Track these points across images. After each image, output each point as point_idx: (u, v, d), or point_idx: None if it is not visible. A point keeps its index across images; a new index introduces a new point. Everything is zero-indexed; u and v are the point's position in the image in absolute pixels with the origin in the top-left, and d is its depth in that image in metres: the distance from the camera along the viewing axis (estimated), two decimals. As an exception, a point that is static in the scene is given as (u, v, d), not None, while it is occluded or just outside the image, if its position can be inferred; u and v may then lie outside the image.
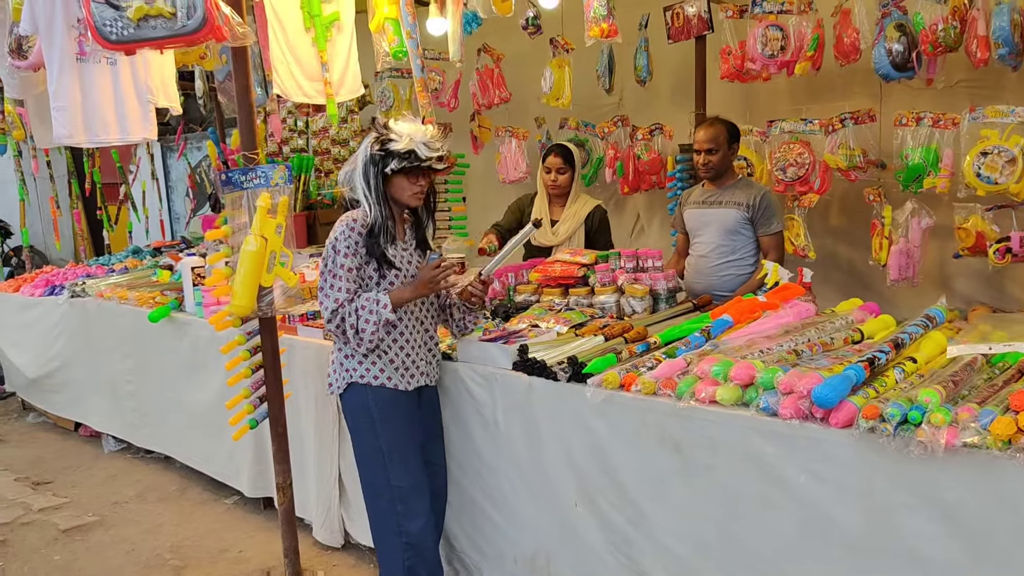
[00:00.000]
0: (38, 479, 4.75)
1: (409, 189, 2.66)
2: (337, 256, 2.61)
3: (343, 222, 2.65)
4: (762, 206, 3.64)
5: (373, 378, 2.68)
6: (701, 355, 2.47)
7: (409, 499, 2.70)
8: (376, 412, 2.69)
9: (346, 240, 2.61)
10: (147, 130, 3.91)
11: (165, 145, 10.01)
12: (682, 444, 2.32)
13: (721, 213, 3.71)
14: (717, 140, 3.68)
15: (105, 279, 5.41)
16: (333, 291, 2.60)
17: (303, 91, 3.66)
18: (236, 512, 4.11)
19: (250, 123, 2.97)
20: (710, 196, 3.78)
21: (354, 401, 2.73)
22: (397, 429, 2.71)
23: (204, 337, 4.12)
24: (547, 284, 3.49)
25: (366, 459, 2.76)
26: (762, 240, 3.70)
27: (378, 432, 2.70)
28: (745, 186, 3.76)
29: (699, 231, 3.80)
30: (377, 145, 2.60)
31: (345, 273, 2.60)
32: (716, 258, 3.72)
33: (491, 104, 5.48)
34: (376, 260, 2.65)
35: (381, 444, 2.70)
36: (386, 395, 2.70)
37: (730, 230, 3.68)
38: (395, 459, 2.69)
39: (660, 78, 4.98)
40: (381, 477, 2.71)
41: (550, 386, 2.62)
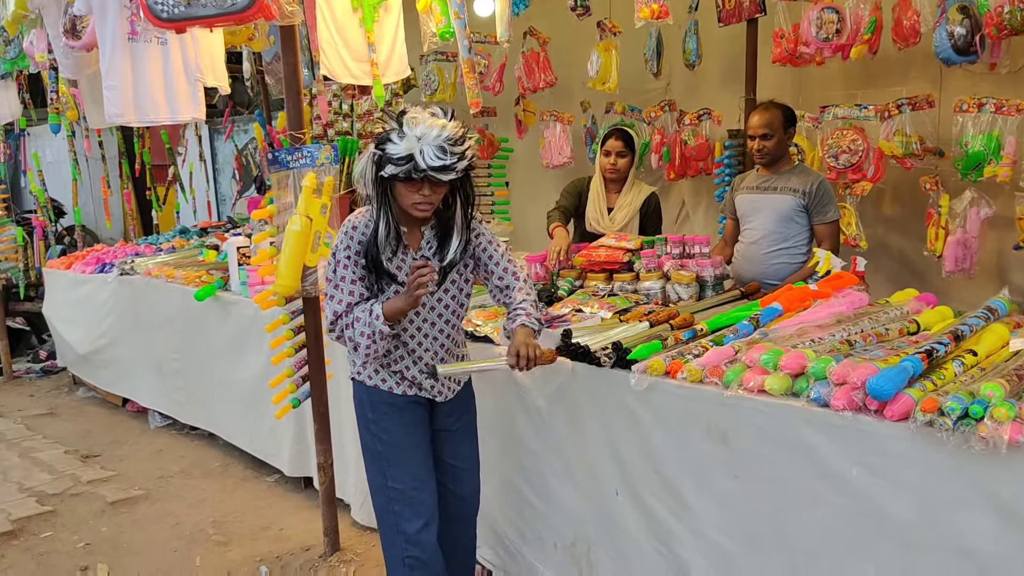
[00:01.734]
0: (87, 452, 4.86)
1: (409, 198, 2.29)
2: (337, 267, 2.39)
3: (342, 229, 2.42)
4: (818, 194, 3.51)
5: (368, 377, 2.52)
6: (750, 343, 2.41)
7: (406, 501, 2.49)
8: (371, 412, 2.52)
9: (345, 250, 2.38)
10: (195, 110, 3.95)
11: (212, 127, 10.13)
12: (729, 434, 2.26)
13: (775, 199, 3.60)
14: (772, 125, 3.55)
15: (153, 258, 5.50)
16: (332, 302, 2.40)
17: (350, 72, 3.64)
18: (277, 490, 4.16)
19: (297, 103, 2.97)
20: (764, 181, 3.66)
21: (355, 396, 2.59)
22: (394, 431, 2.50)
23: (248, 316, 4.16)
24: (591, 269, 3.44)
25: (365, 456, 2.59)
26: (817, 229, 3.57)
27: (373, 432, 2.52)
28: (801, 172, 3.63)
29: (751, 217, 3.69)
30: (374, 144, 2.28)
31: (346, 285, 2.38)
32: (767, 245, 3.61)
33: (536, 88, 5.43)
34: (374, 272, 2.38)
35: (377, 445, 2.52)
36: (383, 397, 2.51)
37: (784, 217, 3.56)
38: (392, 460, 2.50)
39: (709, 62, 4.88)
40: (379, 476, 2.53)
41: (593, 372, 2.59)
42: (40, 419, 5.61)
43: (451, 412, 2.62)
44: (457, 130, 2.25)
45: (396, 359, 2.49)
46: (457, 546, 2.71)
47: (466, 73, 3.36)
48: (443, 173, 2.23)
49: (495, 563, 3.07)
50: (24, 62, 5.22)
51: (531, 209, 5.90)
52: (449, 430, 2.62)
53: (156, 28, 2.77)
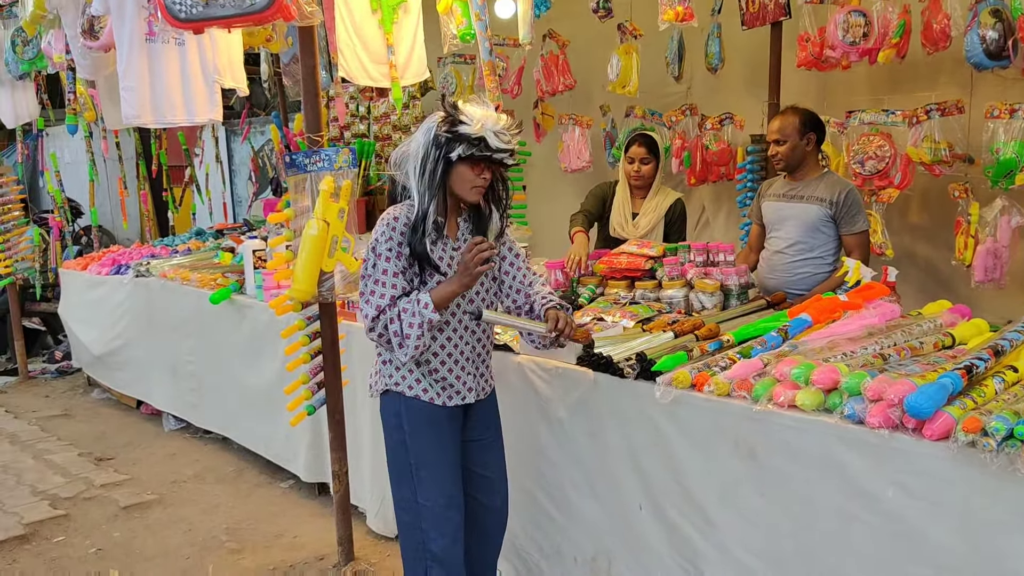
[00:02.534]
0: (101, 455, 4.83)
1: (471, 181, 2.33)
2: (379, 260, 2.34)
3: (383, 222, 2.37)
4: (847, 203, 3.42)
5: (408, 387, 2.43)
6: (779, 356, 2.34)
7: (435, 519, 2.44)
8: (407, 425, 2.44)
9: (387, 242, 2.33)
10: (213, 111, 3.91)
11: (229, 129, 10.13)
12: (757, 450, 2.19)
13: (802, 208, 3.50)
14: (785, 131, 3.48)
15: (168, 260, 5.48)
16: (375, 297, 2.32)
17: (368, 74, 3.60)
18: (291, 496, 4.11)
19: (315, 105, 2.92)
20: (791, 189, 3.58)
21: (388, 409, 2.49)
22: (429, 446, 2.44)
23: (264, 321, 4.12)
24: (612, 276, 3.38)
25: (394, 471, 2.52)
26: (845, 240, 3.47)
27: (408, 446, 2.44)
28: (829, 181, 3.53)
29: (777, 225, 3.60)
30: (445, 126, 2.28)
31: (389, 278, 2.33)
32: (794, 255, 3.52)
33: (555, 91, 5.38)
34: (418, 261, 2.35)
35: (410, 459, 2.44)
36: (421, 408, 2.44)
37: (811, 227, 3.47)
38: (423, 476, 2.44)
39: (731, 66, 4.81)
40: (407, 492, 2.47)
41: (616, 383, 2.52)
42: (54, 420, 5.60)
43: (481, 420, 2.57)
44: (513, 123, 2.37)
45: (436, 359, 2.43)
46: (485, 558, 2.67)
47: (487, 75, 3.31)
48: (508, 156, 2.33)
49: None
50: (42, 63, 5.22)
51: (549, 214, 5.84)
52: (479, 440, 2.57)
53: (174, 29, 2.74)
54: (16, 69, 5.50)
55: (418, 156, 2.33)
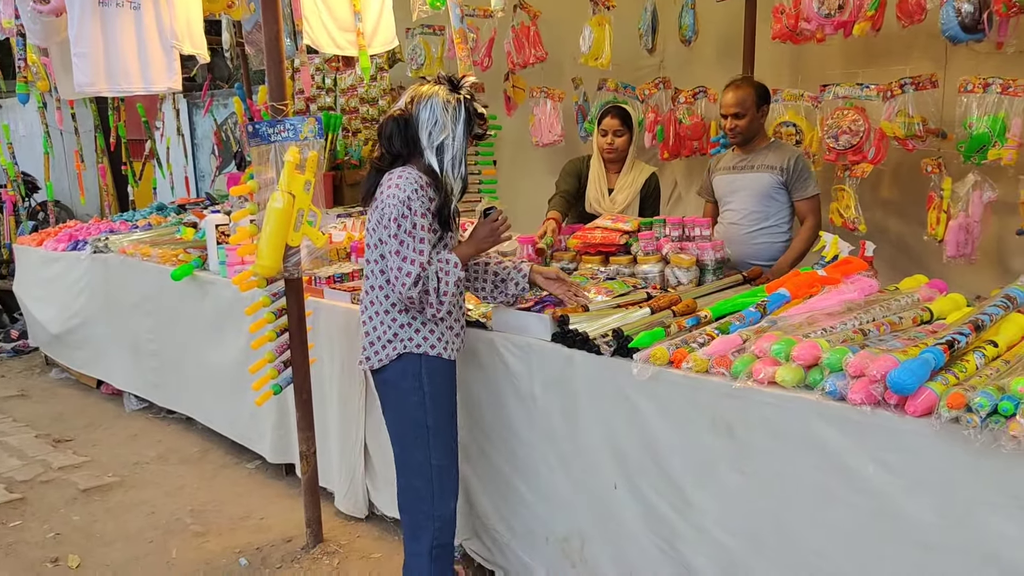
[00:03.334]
0: (59, 436, 4.69)
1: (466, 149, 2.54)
2: (415, 216, 2.35)
3: (409, 180, 2.38)
4: (797, 168, 3.49)
5: (430, 347, 2.47)
6: (758, 332, 2.29)
7: (447, 480, 2.53)
8: (428, 385, 2.48)
9: (420, 199, 2.37)
10: (171, 80, 3.75)
11: (191, 101, 9.87)
12: (736, 427, 2.15)
13: (753, 178, 3.57)
14: (744, 103, 3.53)
15: (128, 235, 5.31)
16: (416, 254, 2.35)
17: (335, 42, 3.48)
18: (257, 477, 4.02)
19: (279, 73, 2.80)
20: (741, 161, 3.64)
21: (404, 373, 2.48)
22: (445, 404, 2.54)
23: (227, 297, 4.00)
24: (587, 251, 3.31)
25: (407, 435, 2.52)
26: (798, 205, 3.54)
27: (427, 407, 2.49)
28: (778, 149, 3.60)
29: (729, 197, 3.66)
30: (478, 106, 2.49)
31: (428, 235, 2.38)
32: (749, 225, 3.58)
33: (526, 64, 5.26)
34: (441, 223, 2.47)
35: (427, 420, 2.49)
36: (439, 366, 2.50)
37: (763, 195, 3.54)
38: (440, 436, 2.51)
39: (705, 38, 4.74)
40: (421, 455, 2.49)
41: (592, 360, 2.46)
42: (10, 401, 5.42)
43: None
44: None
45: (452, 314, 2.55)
46: None
47: (458, 44, 3.20)
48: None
49: (483, 555, 2.96)
50: (-10, 28, 4.98)
51: (520, 188, 5.76)
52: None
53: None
54: (-38, 36, 5.25)
55: (448, 130, 2.41)
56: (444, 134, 2.40)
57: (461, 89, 2.45)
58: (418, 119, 2.41)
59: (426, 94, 2.42)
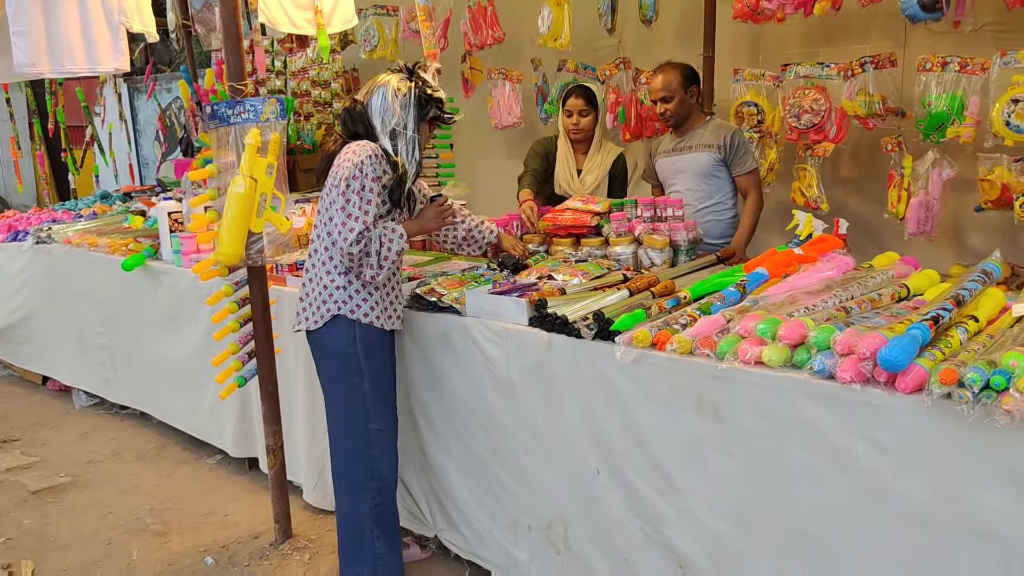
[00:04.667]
0: (4, 436, 4.47)
1: (427, 137, 2.64)
2: (365, 179, 2.45)
3: (364, 151, 2.48)
4: (734, 144, 3.56)
5: (363, 315, 2.56)
6: (741, 312, 2.26)
7: (385, 442, 2.63)
8: (363, 350, 2.57)
9: (372, 164, 2.47)
10: (118, 60, 3.57)
11: (132, 86, 9.52)
12: (722, 409, 2.12)
13: (692, 158, 3.61)
14: (671, 87, 3.58)
15: (72, 224, 5.08)
16: (361, 213, 2.43)
17: (292, 21, 3.35)
18: (219, 472, 3.89)
19: (237, 50, 2.67)
20: (679, 143, 3.70)
21: (337, 336, 2.57)
22: (382, 370, 2.63)
23: (182, 287, 3.85)
24: (557, 233, 3.26)
25: (344, 400, 2.61)
26: (739, 181, 3.61)
27: (363, 371, 2.58)
28: (714, 127, 3.66)
29: (672, 180, 3.71)
30: (429, 90, 2.56)
31: (374, 198, 2.47)
32: (694, 205, 3.62)
33: (483, 44, 5.16)
34: (393, 196, 2.55)
35: (364, 383, 2.58)
36: (373, 335, 2.59)
37: (704, 174, 3.59)
38: (377, 400, 2.60)
39: (664, 18, 4.72)
40: (359, 418, 2.60)
41: (572, 344, 2.41)
42: (-51, 400, 5.18)
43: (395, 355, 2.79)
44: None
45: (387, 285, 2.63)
46: None
47: (423, 21, 3.11)
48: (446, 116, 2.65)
49: (462, 547, 2.89)
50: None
51: (479, 171, 5.67)
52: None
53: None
54: None
55: (398, 116, 2.51)
56: (395, 119, 2.51)
57: (414, 76, 2.56)
58: (370, 106, 2.54)
59: (379, 83, 2.55)
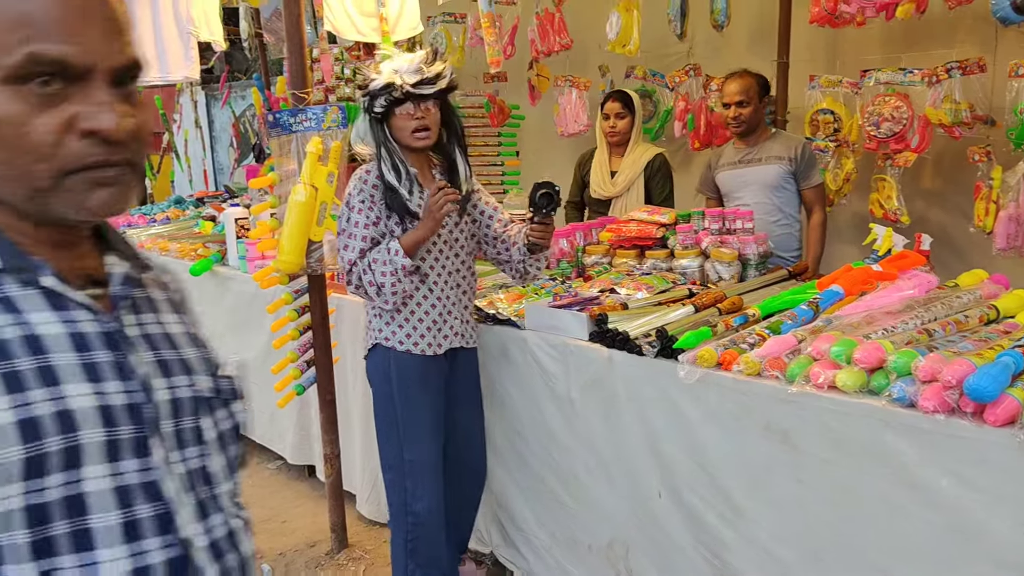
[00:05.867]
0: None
1: (406, 128, 2.36)
2: (351, 212, 2.40)
3: (356, 176, 2.44)
4: (805, 156, 3.52)
5: (398, 342, 2.45)
6: (813, 332, 2.14)
7: (418, 476, 2.49)
8: (396, 379, 2.47)
9: (359, 194, 2.40)
10: (188, 68, 3.64)
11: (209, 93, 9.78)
12: (791, 435, 2.01)
13: (762, 170, 3.54)
14: (749, 92, 3.54)
15: (147, 229, 5.21)
16: (346, 251, 2.39)
17: (357, 28, 3.34)
18: (278, 478, 3.91)
19: (300, 57, 2.67)
20: (746, 155, 3.61)
21: (376, 365, 2.51)
22: (416, 400, 2.48)
23: (248, 293, 3.88)
24: (620, 245, 3.17)
25: (381, 428, 2.56)
26: (806, 194, 3.55)
27: (395, 402, 2.48)
28: (782, 139, 3.62)
29: (739, 192, 3.61)
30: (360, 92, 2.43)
31: (360, 230, 2.38)
32: (764, 217, 3.51)
33: (550, 51, 5.11)
34: (397, 214, 2.40)
35: (397, 414, 2.48)
36: (409, 362, 2.46)
37: (773, 186, 3.53)
38: (410, 432, 2.48)
39: (735, 23, 4.59)
40: (394, 448, 2.51)
41: (633, 361, 2.32)
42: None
43: (463, 375, 2.61)
44: (429, 54, 2.35)
45: (423, 305, 2.46)
46: (462, 516, 2.69)
47: (486, 28, 3.07)
48: (425, 87, 2.31)
49: (520, 565, 2.83)
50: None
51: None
52: (460, 396, 2.61)
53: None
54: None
55: (361, 129, 2.46)
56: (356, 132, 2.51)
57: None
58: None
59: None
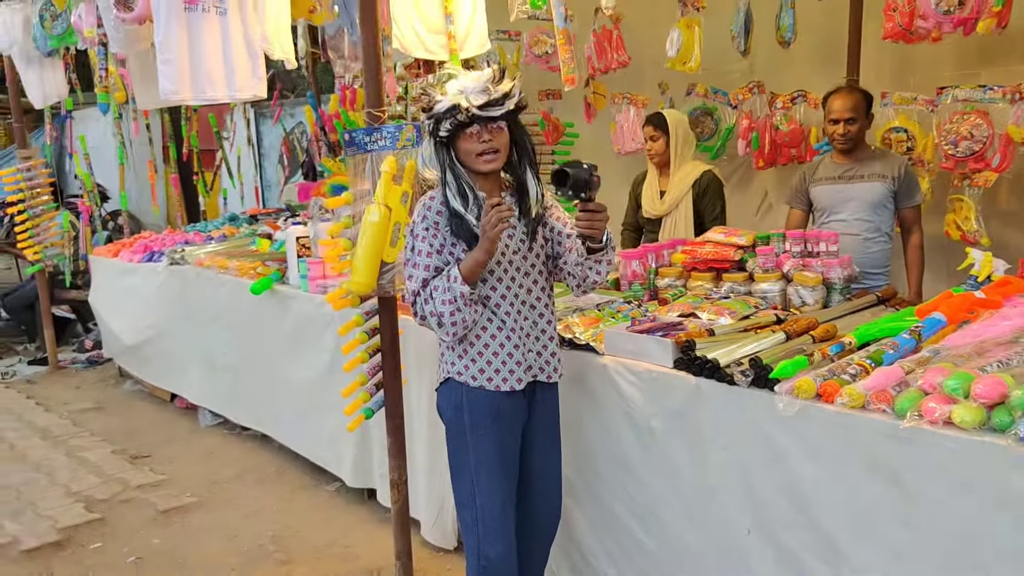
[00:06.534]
0: (136, 452, 4.59)
1: (473, 150, 2.21)
2: (415, 241, 2.28)
3: (420, 203, 2.33)
4: (906, 177, 3.46)
5: (471, 377, 2.29)
6: (920, 363, 2.03)
7: (489, 521, 2.31)
8: (468, 417, 2.30)
9: (423, 222, 2.28)
10: (256, 87, 3.62)
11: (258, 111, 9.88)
12: (901, 473, 1.89)
13: (865, 188, 3.47)
14: (858, 109, 3.47)
15: (203, 247, 5.23)
16: (412, 281, 2.27)
17: (424, 46, 3.31)
18: (338, 501, 3.85)
19: (376, 76, 2.63)
20: (847, 170, 3.53)
21: (448, 400, 2.36)
22: (490, 440, 2.30)
23: (308, 313, 3.86)
24: (695, 267, 3.07)
25: (454, 467, 2.39)
26: (904, 214, 3.51)
27: (468, 441, 2.32)
28: (884, 157, 3.54)
29: (838, 208, 3.53)
30: (424, 115, 2.25)
31: (423, 259, 2.25)
32: (864, 234, 3.48)
33: (607, 68, 5.05)
34: (465, 241, 2.25)
35: (470, 454, 2.32)
36: (482, 399, 2.29)
37: (876, 204, 3.46)
38: (482, 474, 2.31)
39: (800, 40, 4.47)
40: (466, 489, 2.35)
41: (723, 391, 2.22)
42: (86, 413, 5.38)
43: (542, 413, 2.41)
44: (496, 72, 2.21)
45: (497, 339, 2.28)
46: (533, 560, 2.51)
47: (561, 45, 3.00)
48: (492, 109, 2.17)
49: (591, 601, 2.73)
50: (72, 38, 4.95)
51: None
52: (538, 436, 2.41)
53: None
54: (45, 45, 5.23)
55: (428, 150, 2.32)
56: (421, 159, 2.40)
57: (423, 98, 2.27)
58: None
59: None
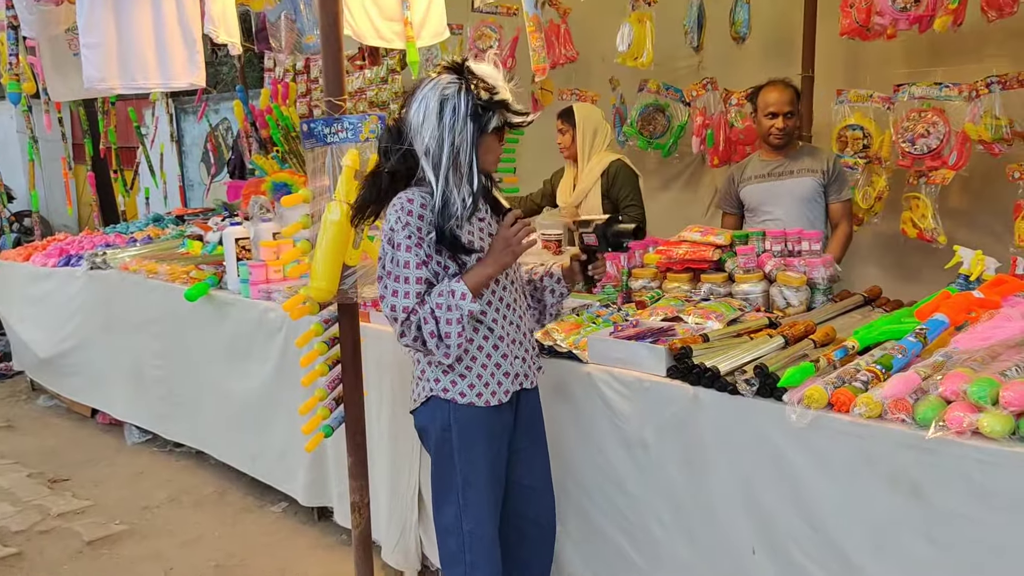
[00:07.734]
0: (54, 475, 4.20)
1: (496, 151, 2.08)
2: (397, 252, 1.99)
3: (395, 207, 2.01)
4: (835, 171, 3.46)
5: (459, 394, 2.09)
6: (935, 368, 1.93)
7: (480, 549, 2.15)
8: (456, 437, 2.12)
9: (404, 229, 1.99)
10: (193, 74, 3.32)
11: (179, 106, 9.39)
12: (924, 487, 1.78)
13: (796, 183, 3.45)
14: (794, 103, 3.46)
15: (126, 249, 4.86)
16: (399, 298, 1.99)
17: (379, 33, 3.08)
18: (286, 523, 3.58)
19: (337, 63, 2.39)
20: (777, 167, 3.50)
21: (432, 420, 2.14)
22: (478, 460, 2.13)
23: (250, 319, 3.58)
24: (671, 267, 2.94)
25: (439, 490, 2.20)
26: (833, 208, 3.48)
27: (455, 462, 2.13)
28: (812, 152, 3.56)
29: (768, 206, 3.50)
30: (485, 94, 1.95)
31: (412, 272, 1.99)
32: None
33: (555, 64, 4.90)
34: (447, 248, 2.01)
35: (457, 476, 2.13)
36: (473, 416, 2.10)
37: (807, 199, 3.44)
38: (470, 497, 2.14)
39: (752, 36, 4.43)
40: (452, 514, 2.16)
41: (725, 401, 2.08)
42: (-4, 433, 4.94)
43: (528, 421, 2.25)
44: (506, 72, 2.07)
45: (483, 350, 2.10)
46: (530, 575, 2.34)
47: (531, 33, 2.84)
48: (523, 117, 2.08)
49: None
50: (-25, 22, 4.51)
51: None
52: (525, 448, 2.26)
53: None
54: (-56, 31, 4.77)
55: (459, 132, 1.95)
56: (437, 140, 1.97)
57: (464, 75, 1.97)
58: (410, 123, 2.00)
59: (422, 89, 1.99)
